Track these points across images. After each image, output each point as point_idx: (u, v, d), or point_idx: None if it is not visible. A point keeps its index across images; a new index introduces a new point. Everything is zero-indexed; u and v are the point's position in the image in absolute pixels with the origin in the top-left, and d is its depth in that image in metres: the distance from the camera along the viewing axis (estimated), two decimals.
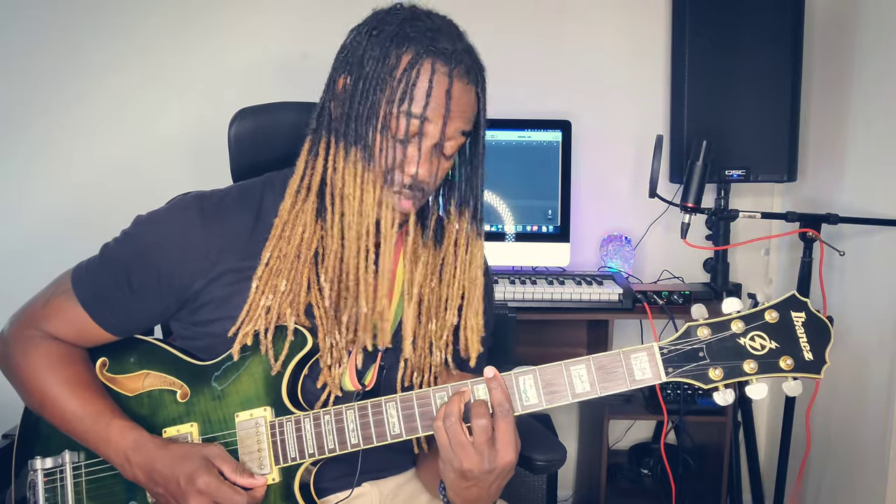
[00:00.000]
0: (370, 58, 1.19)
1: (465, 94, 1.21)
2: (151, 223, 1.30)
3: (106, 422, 1.27)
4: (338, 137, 1.22)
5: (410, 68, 1.17)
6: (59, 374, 1.30)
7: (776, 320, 1.13)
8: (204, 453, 1.22)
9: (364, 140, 1.20)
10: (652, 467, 2.72)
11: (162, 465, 1.22)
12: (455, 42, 1.20)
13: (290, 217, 1.26)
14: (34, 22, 2.61)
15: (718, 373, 1.13)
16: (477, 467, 1.14)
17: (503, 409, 1.14)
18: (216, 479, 1.19)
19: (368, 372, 1.33)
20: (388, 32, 1.19)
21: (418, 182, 1.21)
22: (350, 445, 1.22)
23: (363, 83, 1.19)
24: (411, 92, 1.17)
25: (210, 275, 1.26)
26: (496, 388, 1.15)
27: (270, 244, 1.26)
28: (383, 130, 1.19)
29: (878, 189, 2.24)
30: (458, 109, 1.20)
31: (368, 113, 1.19)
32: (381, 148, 1.19)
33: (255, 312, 1.25)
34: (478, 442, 1.13)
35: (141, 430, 1.27)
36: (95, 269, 1.31)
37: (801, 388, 1.13)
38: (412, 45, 1.18)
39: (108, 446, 1.26)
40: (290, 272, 1.25)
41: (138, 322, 1.33)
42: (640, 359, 1.15)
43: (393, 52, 1.18)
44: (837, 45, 2.48)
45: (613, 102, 2.76)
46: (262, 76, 2.61)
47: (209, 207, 1.29)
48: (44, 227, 2.64)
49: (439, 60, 1.18)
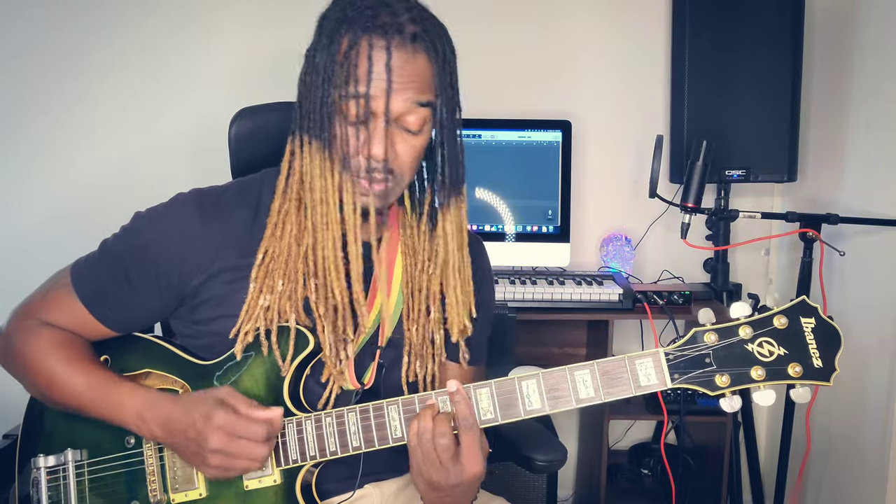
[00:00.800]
0: (319, 48, 1.18)
1: (410, 64, 1.16)
2: (150, 219, 1.30)
3: (114, 386, 1.27)
4: (304, 132, 1.22)
5: (349, 50, 1.15)
6: (62, 354, 1.29)
7: (785, 326, 1.11)
8: (215, 394, 1.21)
9: (320, 130, 1.19)
10: (652, 467, 2.72)
11: (176, 413, 1.21)
12: (399, 14, 1.17)
13: (279, 218, 1.26)
14: (34, 22, 2.61)
15: (725, 379, 1.12)
16: (444, 481, 1.16)
17: (467, 423, 1.15)
18: (233, 415, 1.18)
19: (367, 370, 1.32)
20: (332, 19, 1.18)
21: (379, 162, 1.19)
22: (352, 448, 1.21)
23: (315, 75, 1.18)
24: (354, 73, 1.15)
25: (209, 271, 1.26)
26: (460, 402, 1.15)
27: (264, 243, 1.26)
28: (336, 117, 1.18)
29: (878, 189, 2.24)
30: (403, 81, 1.16)
31: (320, 103, 1.18)
32: (336, 134, 1.18)
33: (254, 311, 1.25)
34: (443, 460, 1.15)
35: (150, 388, 1.27)
36: (94, 265, 1.31)
37: (809, 394, 1.12)
38: (351, 26, 1.16)
39: (121, 409, 1.26)
40: (284, 271, 1.25)
41: (137, 318, 1.33)
42: (645, 365, 1.14)
43: (336, 39, 1.17)
44: (837, 45, 2.48)
45: (613, 102, 2.76)
46: (262, 76, 2.61)
47: (208, 204, 1.29)
48: (44, 225, 2.64)
49: (376, 35, 1.15)
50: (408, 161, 1.23)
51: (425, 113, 1.20)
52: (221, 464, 1.18)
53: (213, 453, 1.17)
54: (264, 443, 1.18)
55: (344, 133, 1.18)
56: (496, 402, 1.17)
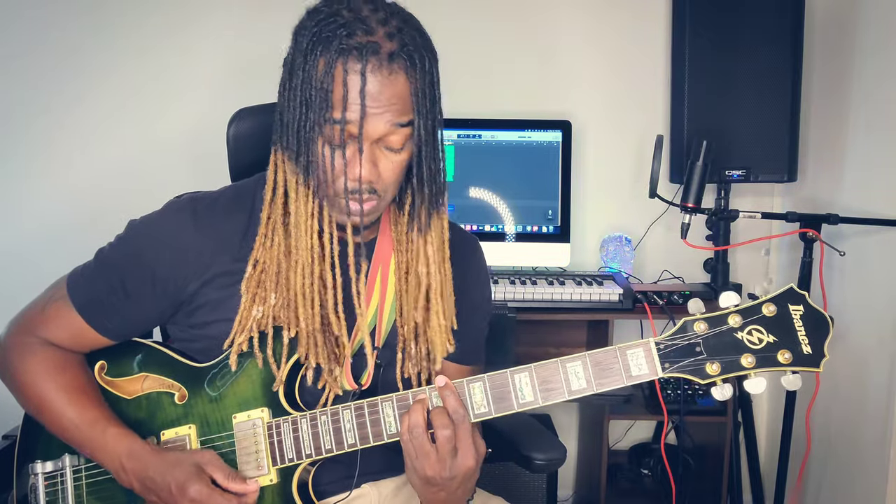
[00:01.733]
0: (296, 67, 1.16)
1: (387, 87, 1.13)
2: (145, 227, 1.31)
3: (101, 429, 1.27)
4: (284, 149, 1.21)
5: (325, 75, 1.13)
6: (56, 381, 1.30)
7: (774, 314, 1.12)
8: (196, 460, 1.22)
9: (296, 155, 1.18)
10: (652, 467, 2.71)
11: (154, 472, 1.22)
12: (374, 30, 1.13)
13: (268, 229, 1.25)
14: (34, 22, 2.61)
15: (716, 367, 1.13)
16: (439, 475, 1.16)
17: (459, 415, 1.16)
18: (207, 487, 1.19)
19: (364, 371, 1.32)
20: (307, 37, 1.15)
21: (364, 184, 1.17)
22: (347, 445, 1.22)
23: (292, 94, 1.17)
24: (331, 99, 1.13)
25: (204, 277, 1.27)
26: (449, 396, 1.17)
27: (255, 253, 1.25)
28: (315, 141, 1.16)
29: (878, 189, 2.24)
30: (381, 105, 1.14)
31: (297, 126, 1.16)
32: (315, 159, 1.17)
33: (247, 322, 1.25)
34: (442, 451, 1.15)
35: (135, 438, 1.27)
36: (90, 275, 1.31)
37: (800, 381, 1.12)
38: (325, 47, 1.13)
39: (104, 453, 1.27)
40: (276, 284, 1.25)
41: (135, 326, 1.33)
42: (636, 354, 1.15)
43: (311, 59, 1.14)
44: (837, 45, 2.48)
45: (613, 102, 2.76)
46: (262, 76, 2.60)
47: (202, 210, 1.29)
48: (43, 227, 2.64)
49: (351, 58, 1.12)
50: (391, 178, 1.21)
51: (407, 131, 1.18)
52: None
53: None
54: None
55: (326, 155, 1.17)
56: (489, 396, 1.18)
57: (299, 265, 1.22)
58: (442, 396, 1.17)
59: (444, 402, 1.17)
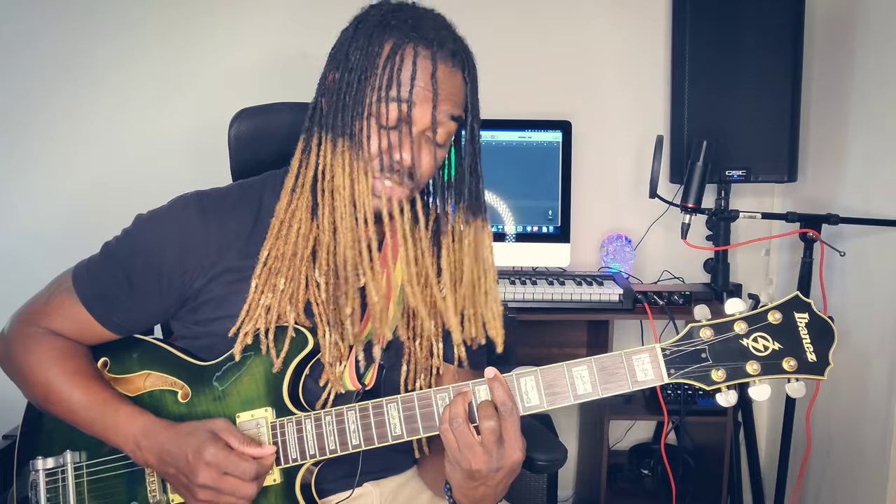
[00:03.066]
0: (355, 49, 1.19)
1: (451, 77, 1.20)
2: (152, 222, 1.30)
3: (113, 409, 1.27)
4: (327, 131, 1.22)
5: (393, 54, 1.17)
6: (63, 367, 1.30)
7: (779, 321, 1.12)
8: (209, 427, 1.21)
9: (351, 129, 1.19)
10: (652, 468, 2.72)
11: (170, 444, 1.22)
12: (439, 29, 1.20)
13: (287, 216, 1.25)
14: (35, 22, 2.61)
15: (721, 374, 1.13)
16: (485, 467, 1.14)
17: (507, 408, 1.14)
18: (223, 450, 1.18)
19: (368, 371, 1.32)
20: (371, 23, 1.20)
21: (407, 168, 1.20)
22: (351, 446, 1.22)
23: (349, 74, 1.19)
24: (397, 77, 1.17)
25: (210, 273, 1.27)
26: (498, 388, 1.15)
27: (268, 243, 1.25)
28: (370, 118, 1.19)
29: (879, 189, 2.24)
30: (445, 92, 1.19)
31: (354, 102, 1.19)
32: (369, 135, 1.19)
33: (255, 312, 1.25)
34: (487, 442, 1.13)
35: (148, 415, 1.27)
36: (96, 268, 1.31)
37: (804, 389, 1.13)
38: (394, 32, 1.18)
39: (117, 433, 1.26)
40: (288, 270, 1.25)
41: (139, 321, 1.33)
42: (642, 360, 1.14)
43: (376, 41, 1.18)
44: (837, 45, 2.48)
45: (613, 102, 2.76)
46: (262, 76, 2.61)
47: (209, 206, 1.29)
48: (43, 227, 2.63)
49: (421, 45, 1.17)
50: (429, 171, 1.24)
51: (453, 127, 1.24)
52: (209, 498, 1.19)
53: (201, 488, 1.18)
54: (252, 482, 1.19)
55: (376, 135, 1.19)
56: None
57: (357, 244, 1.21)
58: (491, 388, 1.16)
59: (492, 394, 1.15)
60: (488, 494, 1.19)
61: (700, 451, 2.65)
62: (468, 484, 1.17)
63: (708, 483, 2.56)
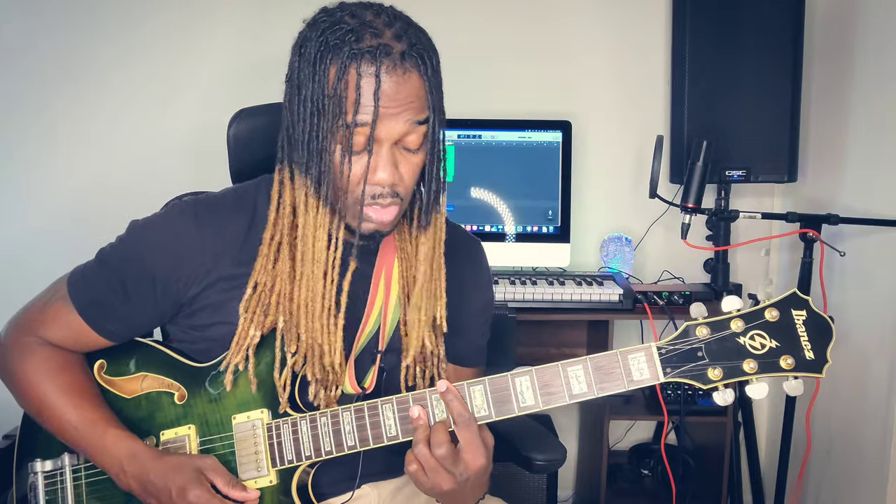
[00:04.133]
0: (304, 78, 1.16)
1: (403, 86, 1.14)
2: (146, 229, 1.30)
3: (101, 431, 1.26)
4: (292, 164, 1.21)
5: (338, 81, 1.12)
6: (56, 381, 1.29)
7: (776, 319, 1.11)
8: (197, 465, 1.22)
9: (307, 166, 1.18)
10: (652, 468, 2.72)
11: (155, 475, 1.22)
12: (381, 32, 1.13)
13: (270, 250, 1.25)
14: (35, 22, 2.61)
15: (717, 373, 1.12)
16: (454, 485, 1.16)
17: (463, 419, 1.15)
18: (207, 493, 1.19)
19: (368, 375, 1.32)
20: (313, 48, 1.14)
21: (385, 187, 1.18)
22: (347, 447, 1.21)
23: (301, 107, 1.16)
24: (345, 104, 1.13)
25: (205, 281, 1.26)
26: (452, 401, 1.15)
27: (254, 276, 1.24)
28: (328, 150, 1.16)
29: (879, 189, 2.24)
30: (398, 105, 1.14)
31: (309, 137, 1.16)
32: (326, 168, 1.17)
33: (244, 342, 1.24)
34: (446, 466, 1.14)
35: (136, 440, 1.27)
36: (91, 276, 1.31)
37: (802, 387, 1.12)
38: (335, 54, 1.13)
39: (104, 455, 1.26)
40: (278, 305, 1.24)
41: (135, 328, 1.33)
42: (637, 359, 1.14)
43: (320, 69, 1.14)
44: (837, 45, 2.48)
45: (613, 102, 2.76)
46: (261, 77, 2.60)
47: (204, 213, 1.28)
48: (45, 228, 2.64)
49: (364, 62, 1.12)
50: (411, 181, 1.22)
51: (423, 130, 1.19)
52: None
53: None
54: None
55: (341, 164, 1.16)
56: (490, 399, 1.17)
57: (304, 277, 1.21)
58: (445, 401, 1.16)
59: (447, 406, 1.16)
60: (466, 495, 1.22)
61: (700, 451, 2.65)
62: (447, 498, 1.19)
63: (708, 483, 2.55)
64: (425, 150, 1.21)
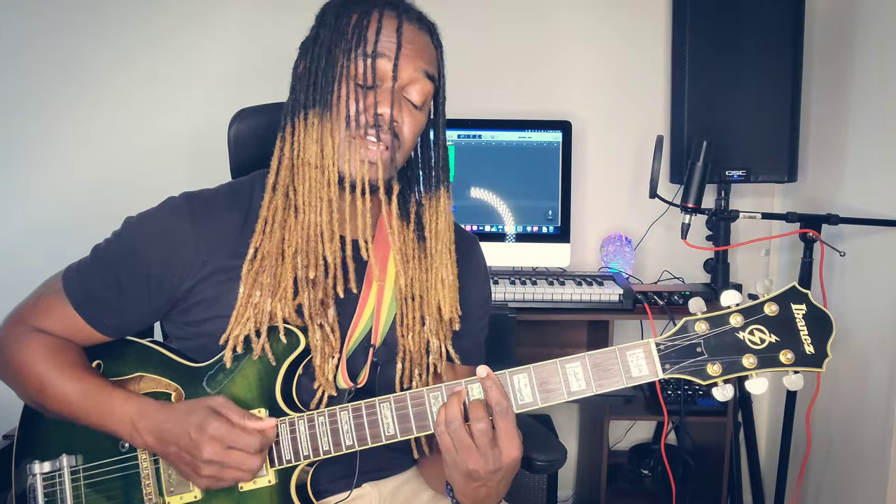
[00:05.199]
0: (323, 26, 1.24)
1: (419, 36, 1.24)
2: (141, 224, 1.30)
3: (107, 394, 1.26)
4: (298, 111, 1.25)
5: (360, 20, 1.21)
6: (54, 360, 1.29)
7: (776, 313, 1.10)
8: (208, 403, 1.20)
9: (324, 98, 1.22)
10: (652, 468, 2.71)
11: (169, 423, 1.21)
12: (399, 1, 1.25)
13: (269, 213, 1.26)
14: (35, 21, 2.61)
15: (717, 368, 1.11)
16: (482, 468, 1.13)
17: (501, 407, 1.13)
18: (226, 425, 1.18)
19: (361, 369, 1.32)
20: (334, 10, 1.25)
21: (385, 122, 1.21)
22: (345, 447, 1.21)
23: (318, 48, 1.23)
24: (365, 36, 1.20)
25: (199, 274, 1.26)
26: (492, 387, 1.14)
27: (255, 241, 1.26)
28: (344, 81, 1.21)
29: (879, 189, 2.24)
30: (413, 48, 1.22)
31: (324, 70, 1.22)
32: (340, 96, 1.21)
33: (245, 313, 1.24)
34: (480, 444, 1.12)
35: (143, 397, 1.27)
36: (86, 271, 1.31)
37: (802, 381, 1.11)
38: (358, 5, 1.23)
39: (113, 418, 1.25)
40: (274, 269, 1.25)
41: (130, 323, 1.32)
42: (636, 355, 1.13)
43: (343, 15, 1.23)
44: (837, 45, 2.48)
45: (613, 102, 2.76)
46: (262, 76, 2.61)
47: (198, 207, 1.29)
48: (45, 227, 2.64)
49: (387, 9, 1.22)
50: (410, 131, 1.26)
51: (429, 87, 1.25)
52: (213, 474, 1.18)
53: (206, 463, 1.17)
54: (257, 454, 1.18)
55: (348, 95, 1.21)
56: None
57: (325, 199, 1.23)
58: (484, 388, 1.14)
59: (486, 393, 1.14)
60: (490, 494, 1.18)
61: (700, 451, 2.65)
62: (468, 485, 1.16)
63: (708, 483, 2.55)
64: (426, 113, 1.28)
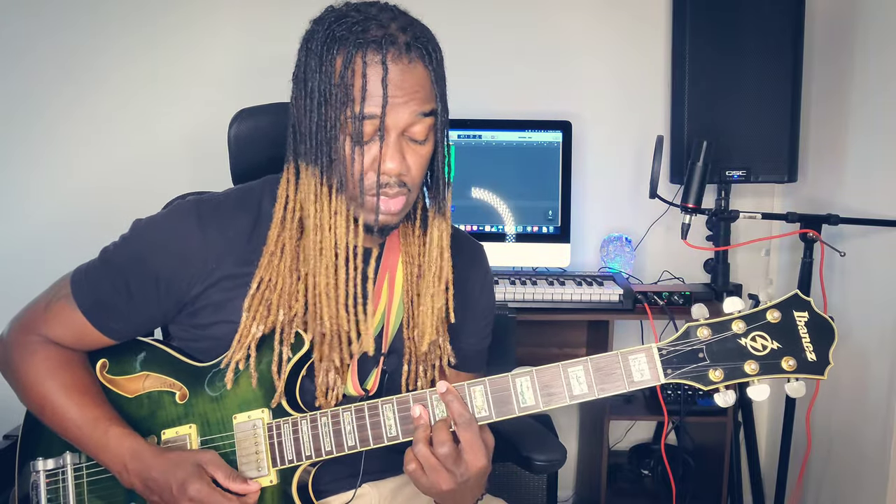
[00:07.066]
0: (310, 71, 1.17)
1: (409, 75, 1.16)
2: (149, 229, 1.30)
3: (104, 429, 1.27)
4: (299, 159, 1.22)
5: (345, 70, 1.14)
6: (59, 380, 1.30)
7: (778, 320, 1.11)
8: (197, 459, 1.22)
9: (316, 155, 1.19)
10: (652, 468, 2.72)
11: (157, 472, 1.22)
12: (387, 25, 1.15)
13: (277, 247, 1.25)
14: (36, 22, 2.61)
15: (719, 374, 1.11)
16: (454, 485, 1.15)
17: (464, 419, 1.15)
18: (207, 486, 1.19)
19: (370, 377, 1.32)
20: (319, 40, 1.16)
21: (392, 177, 1.19)
22: (347, 447, 1.21)
23: (309, 100, 1.17)
24: (352, 93, 1.14)
25: (208, 281, 1.26)
26: (453, 401, 1.15)
27: (259, 273, 1.25)
28: (337, 139, 1.17)
29: (879, 189, 2.24)
30: (404, 94, 1.15)
31: (317, 127, 1.17)
32: (339, 157, 1.18)
33: (245, 341, 1.25)
34: (447, 466, 1.14)
35: (137, 438, 1.27)
36: (94, 275, 1.31)
37: (804, 389, 1.11)
38: (342, 45, 1.15)
39: (106, 453, 1.27)
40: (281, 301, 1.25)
41: (138, 326, 1.33)
42: (638, 360, 1.13)
43: (327, 60, 1.15)
44: (837, 45, 2.48)
45: (613, 102, 2.76)
46: (262, 77, 2.61)
47: (207, 213, 1.28)
48: (46, 228, 2.64)
49: (370, 50, 1.14)
50: (418, 172, 1.23)
51: (430, 121, 1.20)
52: None
53: None
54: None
55: (351, 154, 1.17)
56: (490, 400, 1.17)
57: (323, 264, 1.21)
58: (445, 402, 1.16)
59: (447, 407, 1.16)
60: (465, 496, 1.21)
61: (700, 451, 2.65)
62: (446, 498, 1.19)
63: (708, 483, 2.56)
64: (431, 141, 1.23)
